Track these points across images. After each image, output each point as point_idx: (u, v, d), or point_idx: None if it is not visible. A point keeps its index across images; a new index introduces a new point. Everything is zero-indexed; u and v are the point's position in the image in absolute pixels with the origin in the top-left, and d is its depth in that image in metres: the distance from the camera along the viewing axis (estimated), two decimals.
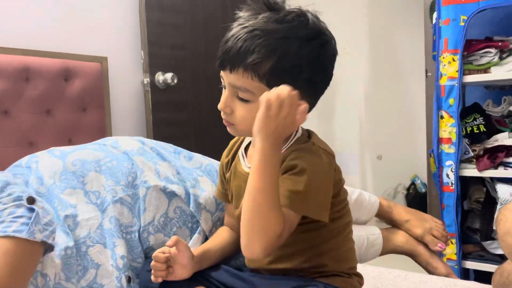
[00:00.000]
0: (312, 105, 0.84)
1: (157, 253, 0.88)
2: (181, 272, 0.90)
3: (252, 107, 0.80)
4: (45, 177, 1.05)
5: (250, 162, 0.89)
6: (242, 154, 0.95)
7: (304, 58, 0.80)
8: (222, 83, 0.86)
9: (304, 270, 0.87)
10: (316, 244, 0.87)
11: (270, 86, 0.78)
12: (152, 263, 0.89)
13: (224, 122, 0.88)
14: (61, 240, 0.95)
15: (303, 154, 0.81)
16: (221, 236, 1.04)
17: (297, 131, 0.87)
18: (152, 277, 0.89)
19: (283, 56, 0.79)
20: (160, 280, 0.89)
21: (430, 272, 1.38)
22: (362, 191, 1.44)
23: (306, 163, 0.79)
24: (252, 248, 0.75)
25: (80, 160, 1.08)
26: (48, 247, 0.91)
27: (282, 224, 0.75)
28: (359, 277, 0.93)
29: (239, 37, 0.79)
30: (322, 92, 0.86)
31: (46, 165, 1.07)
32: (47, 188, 1.04)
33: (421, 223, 1.44)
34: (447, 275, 1.33)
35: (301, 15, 0.81)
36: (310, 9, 0.83)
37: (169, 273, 0.89)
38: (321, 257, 0.87)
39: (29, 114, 1.74)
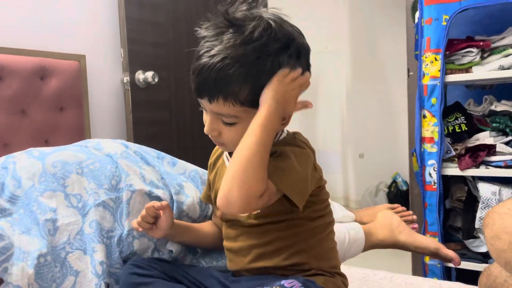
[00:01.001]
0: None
1: (150, 205, 0.92)
2: (156, 233, 0.96)
3: (240, 128, 0.81)
4: (23, 179, 1.01)
5: None
6: (226, 156, 0.95)
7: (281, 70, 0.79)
8: (202, 106, 0.85)
9: (284, 268, 0.87)
10: (296, 242, 0.87)
11: (253, 106, 0.79)
12: (143, 212, 0.93)
13: (214, 142, 0.88)
14: (34, 247, 0.91)
15: (284, 144, 0.84)
16: (205, 225, 1.07)
17: (282, 132, 0.88)
18: (134, 222, 0.94)
19: (260, 77, 0.78)
20: (140, 229, 0.94)
21: (420, 253, 1.38)
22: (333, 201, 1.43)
23: (290, 149, 0.82)
24: (230, 198, 0.74)
25: (60, 161, 1.04)
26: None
27: (265, 185, 0.75)
28: (343, 277, 0.93)
29: (211, 68, 0.77)
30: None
31: (24, 166, 1.03)
32: (24, 191, 0.99)
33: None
34: (438, 249, 1.32)
35: (267, 28, 0.78)
36: (269, 13, 0.81)
37: (151, 228, 0.94)
38: (300, 254, 0.87)
39: (3, 114, 1.68)
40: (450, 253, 1.32)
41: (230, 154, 0.94)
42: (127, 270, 0.93)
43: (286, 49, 0.79)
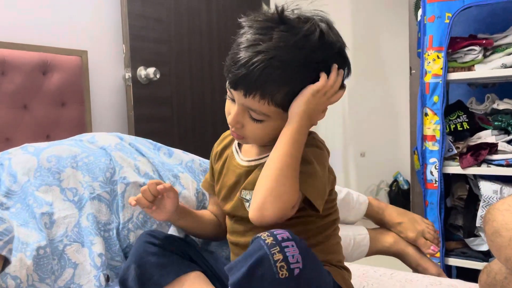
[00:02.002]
0: None
1: (153, 182, 0.87)
2: (159, 215, 0.91)
3: (266, 125, 0.81)
4: (19, 174, 1.01)
5: (246, 155, 0.90)
6: (236, 148, 0.94)
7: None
8: (229, 96, 0.83)
9: None
10: (305, 238, 0.85)
11: (285, 109, 0.79)
12: (144, 187, 0.88)
13: (232, 134, 0.86)
14: (33, 239, 0.91)
15: (307, 146, 0.83)
16: (205, 212, 1.04)
17: None
18: (132, 199, 0.88)
19: (303, 82, 0.78)
20: (133, 203, 0.87)
21: (420, 273, 1.37)
22: (351, 190, 1.42)
23: (310, 153, 0.81)
24: (265, 212, 0.74)
25: (55, 156, 1.05)
26: (6, 260, 0.86)
27: (297, 196, 0.76)
28: (347, 270, 0.94)
29: (256, 64, 0.74)
30: None
31: (19, 162, 1.03)
32: (20, 186, 1.00)
33: (413, 225, 1.42)
34: (438, 275, 1.32)
35: (320, 36, 0.78)
36: (319, 16, 0.81)
37: (150, 208, 0.89)
38: None
39: (5, 109, 1.68)
40: None
41: (240, 146, 0.94)
42: (143, 238, 0.89)
43: (332, 59, 0.80)
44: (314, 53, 0.77)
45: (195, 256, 0.91)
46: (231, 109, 0.82)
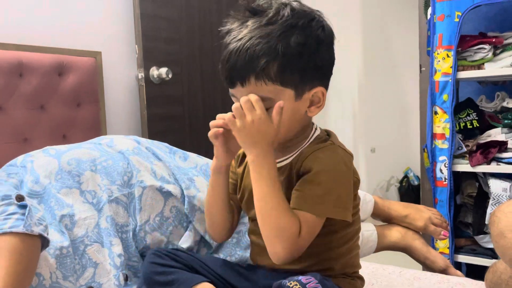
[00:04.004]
0: (326, 87, 0.86)
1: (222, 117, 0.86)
2: (227, 156, 0.89)
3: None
4: (41, 176, 1.05)
5: None
6: None
7: (307, 46, 0.80)
8: (235, 101, 0.84)
9: (311, 271, 0.86)
10: (327, 249, 0.87)
11: (284, 85, 0.80)
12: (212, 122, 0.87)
13: None
14: (56, 240, 0.95)
15: (320, 154, 0.82)
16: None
17: (315, 129, 0.89)
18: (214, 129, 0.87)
19: (288, 50, 0.78)
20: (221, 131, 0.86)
21: (428, 266, 1.39)
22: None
23: (323, 164, 0.80)
24: (275, 250, 0.78)
25: (75, 159, 1.09)
26: (44, 242, 0.91)
27: (297, 223, 0.77)
28: (362, 280, 0.94)
29: (239, 49, 0.79)
30: (331, 73, 0.87)
31: (41, 165, 1.07)
32: (43, 187, 1.04)
33: (420, 214, 1.44)
34: (446, 268, 1.34)
35: (291, 9, 0.81)
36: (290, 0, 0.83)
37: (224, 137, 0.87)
38: (330, 261, 0.87)
39: (23, 110, 1.73)
40: (458, 274, 1.33)
41: None
42: (148, 259, 0.93)
43: (309, 25, 0.81)
44: (291, 22, 0.79)
45: (199, 267, 0.93)
46: None
